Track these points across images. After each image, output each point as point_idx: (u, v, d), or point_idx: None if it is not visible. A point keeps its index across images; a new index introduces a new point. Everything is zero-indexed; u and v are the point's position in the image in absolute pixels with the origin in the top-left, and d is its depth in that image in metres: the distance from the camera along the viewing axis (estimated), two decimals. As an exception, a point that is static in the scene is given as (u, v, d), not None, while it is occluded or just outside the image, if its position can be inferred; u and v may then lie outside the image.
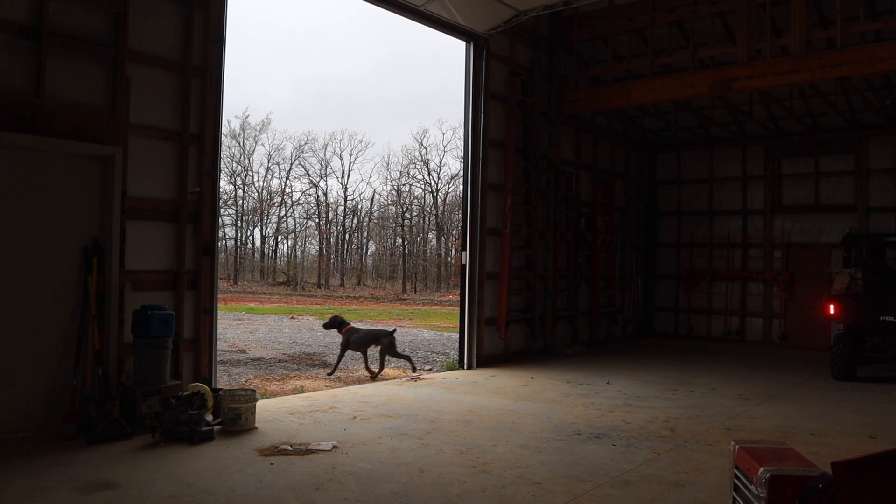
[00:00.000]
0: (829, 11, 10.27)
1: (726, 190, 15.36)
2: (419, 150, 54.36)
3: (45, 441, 5.74)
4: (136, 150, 6.77)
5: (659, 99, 11.61)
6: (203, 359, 7.32)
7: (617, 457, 5.67)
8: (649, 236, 16.04)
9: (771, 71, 9.93)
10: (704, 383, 9.58)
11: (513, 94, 11.43)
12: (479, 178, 10.89)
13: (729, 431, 6.64)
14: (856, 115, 13.39)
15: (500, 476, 5.07)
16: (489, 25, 10.79)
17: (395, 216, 45.35)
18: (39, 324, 6.15)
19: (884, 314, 9.71)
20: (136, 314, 6.46)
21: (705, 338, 15.25)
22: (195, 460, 5.31)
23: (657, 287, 16.19)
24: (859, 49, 9.35)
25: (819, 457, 5.02)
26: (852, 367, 9.98)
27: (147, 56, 6.89)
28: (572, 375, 9.92)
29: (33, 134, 5.97)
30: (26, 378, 6.03)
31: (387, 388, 8.83)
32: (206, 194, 7.36)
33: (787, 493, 3.27)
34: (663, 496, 4.72)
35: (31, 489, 4.55)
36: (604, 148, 14.52)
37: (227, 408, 6.24)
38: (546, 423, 6.83)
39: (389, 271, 44.99)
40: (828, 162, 14.19)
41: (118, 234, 6.54)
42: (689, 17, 10.91)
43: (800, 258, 14.29)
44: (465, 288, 10.85)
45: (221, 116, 7.53)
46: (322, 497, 4.54)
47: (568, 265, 12.93)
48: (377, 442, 5.98)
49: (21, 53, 5.99)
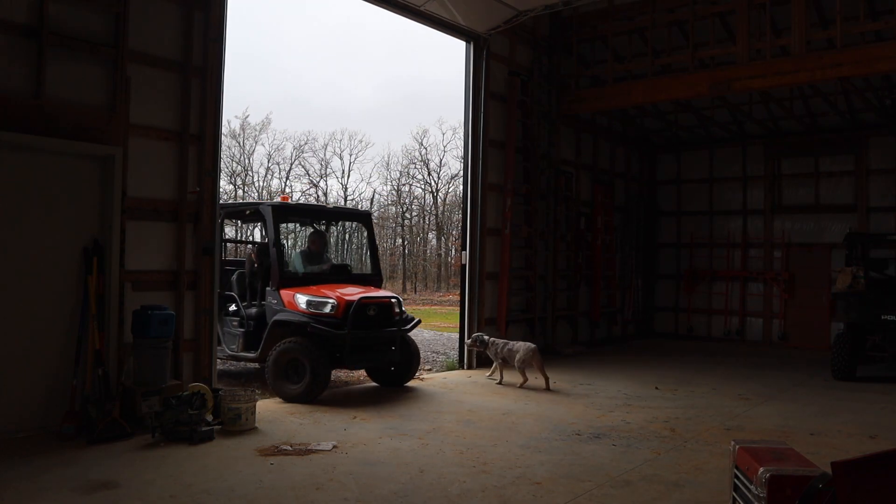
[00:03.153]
0: (829, 11, 10.27)
1: (726, 190, 15.36)
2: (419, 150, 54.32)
3: (45, 441, 5.74)
4: (136, 150, 6.77)
5: (659, 99, 11.62)
6: (203, 359, 7.32)
7: (617, 457, 5.66)
8: (649, 236, 16.04)
9: (771, 71, 9.93)
10: (704, 383, 9.58)
11: (513, 94, 11.43)
12: (479, 178, 10.89)
13: (729, 431, 6.64)
14: (856, 115, 13.38)
15: (500, 476, 5.07)
16: (489, 25, 10.79)
17: (395, 216, 45.32)
18: (39, 324, 6.15)
19: (885, 313, 9.72)
20: (136, 314, 6.45)
21: (705, 338, 15.25)
22: (195, 460, 5.31)
23: (657, 287, 16.19)
24: (859, 49, 9.35)
25: (819, 457, 5.02)
26: (853, 366, 9.98)
27: (147, 56, 6.89)
28: (572, 375, 9.92)
29: (33, 134, 5.97)
30: (26, 378, 6.03)
31: (387, 388, 8.82)
32: (206, 194, 7.36)
33: (787, 493, 3.27)
34: (663, 496, 4.71)
35: (32, 489, 4.55)
36: (604, 148, 14.52)
37: (227, 408, 6.25)
38: (546, 423, 6.83)
39: (389, 271, 44.96)
40: (828, 162, 14.18)
41: (118, 234, 6.54)
42: (689, 17, 10.91)
43: (800, 258, 14.28)
44: (465, 288, 10.85)
45: (221, 116, 7.53)
46: (322, 497, 4.54)
47: (568, 265, 12.93)
48: (377, 442, 5.98)
49: (21, 53, 5.99)
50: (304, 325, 7.69)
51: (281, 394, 7.63)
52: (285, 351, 7.62)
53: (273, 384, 7.66)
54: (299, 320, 7.76)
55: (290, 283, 8.18)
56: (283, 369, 7.62)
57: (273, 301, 8.13)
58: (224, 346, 8.63)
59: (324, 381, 7.63)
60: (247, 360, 8.82)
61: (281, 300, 8.00)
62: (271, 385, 7.70)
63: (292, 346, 7.61)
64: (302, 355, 7.53)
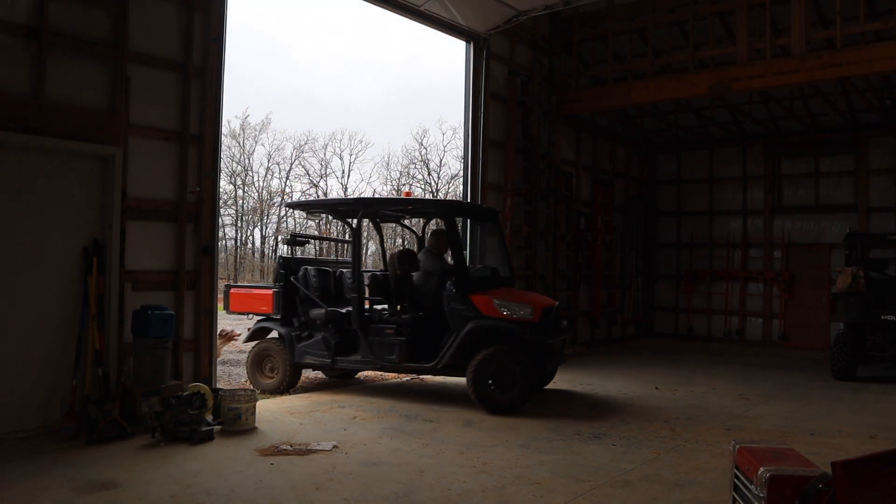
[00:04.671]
0: (829, 11, 10.27)
1: (726, 190, 15.36)
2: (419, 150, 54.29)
3: (45, 441, 5.74)
4: (136, 150, 6.78)
5: (659, 99, 11.61)
6: (203, 359, 7.32)
7: (617, 457, 5.66)
8: (649, 236, 16.04)
9: (771, 71, 9.93)
10: (704, 383, 9.58)
11: (513, 94, 11.43)
12: (479, 178, 10.89)
13: (729, 431, 6.64)
14: (856, 115, 13.39)
15: (500, 476, 5.07)
16: (489, 25, 10.79)
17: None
18: (39, 324, 6.14)
19: (885, 313, 9.72)
20: (136, 314, 6.46)
21: (705, 338, 15.25)
22: (195, 460, 5.30)
23: (657, 287, 16.19)
24: (859, 49, 9.35)
25: (819, 457, 5.02)
26: (853, 366, 9.98)
27: (147, 56, 6.89)
28: (572, 375, 9.91)
29: (33, 134, 5.97)
30: (26, 378, 6.03)
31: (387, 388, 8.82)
32: (206, 194, 7.36)
33: (787, 493, 3.27)
34: (663, 496, 4.71)
35: (32, 489, 4.54)
36: (604, 148, 14.53)
37: (227, 408, 6.24)
38: (546, 423, 6.83)
39: (389, 271, 44.90)
40: (828, 162, 14.19)
41: (118, 234, 6.55)
42: (689, 17, 10.92)
43: (800, 258, 14.28)
44: (465, 288, 10.83)
45: (221, 116, 7.53)
46: (322, 497, 4.54)
47: (568, 265, 12.93)
48: (377, 442, 5.98)
49: (21, 53, 5.99)
50: (511, 331, 7.35)
51: (487, 404, 7.20)
52: (490, 359, 7.20)
53: (477, 393, 7.21)
54: (507, 327, 7.36)
55: (474, 288, 7.65)
56: (489, 378, 7.21)
57: (461, 307, 7.50)
58: (364, 356, 7.95)
59: (533, 389, 7.39)
60: (412, 372, 8.31)
61: (473, 306, 7.45)
62: (475, 394, 7.23)
63: (499, 354, 7.22)
64: (511, 363, 7.17)
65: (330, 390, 8.57)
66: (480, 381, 7.21)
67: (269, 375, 8.51)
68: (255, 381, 8.52)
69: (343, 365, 8.24)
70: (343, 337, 8.14)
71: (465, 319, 7.45)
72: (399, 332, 7.77)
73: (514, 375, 7.18)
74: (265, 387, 8.37)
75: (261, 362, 8.58)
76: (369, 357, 7.91)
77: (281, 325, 8.48)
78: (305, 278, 8.47)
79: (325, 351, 8.10)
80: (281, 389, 8.29)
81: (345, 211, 8.77)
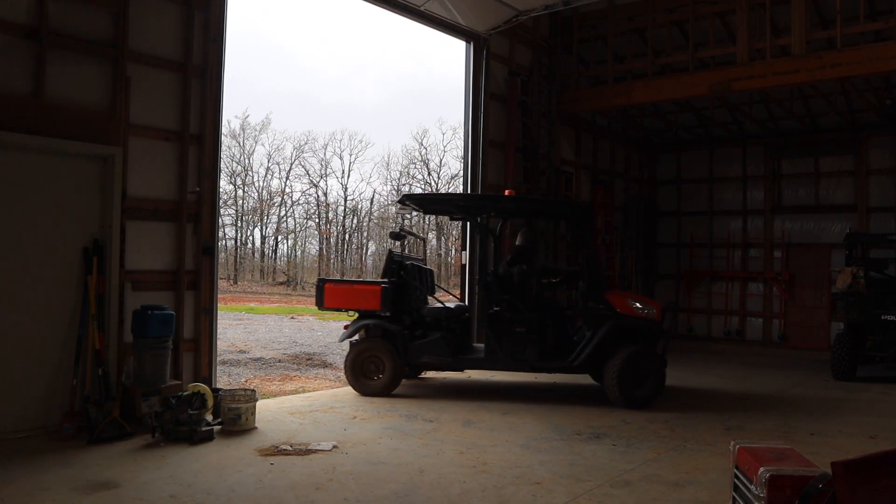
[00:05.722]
0: (829, 11, 10.27)
1: (726, 190, 15.34)
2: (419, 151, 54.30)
3: (45, 441, 5.74)
4: (136, 150, 6.77)
5: (659, 99, 11.61)
6: (203, 359, 7.32)
7: (617, 457, 5.67)
8: (649, 236, 16.02)
9: (771, 71, 9.92)
10: (704, 383, 9.58)
11: (513, 94, 11.43)
12: (479, 178, 10.89)
13: (729, 431, 6.64)
14: (856, 115, 13.38)
15: (500, 476, 5.07)
16: (489, 25, 10.79)
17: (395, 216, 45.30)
18: (39, 323, 6.15)
19: (885, 313, 9.72)
20: (136, 314, 6.46)
21: (705, 338, 15.23)
22: (195, 460, 5.30)
23: (657, 287, 16.16)
24: (859, 49, 9.35)
25: (819, 457, 5.02)
26: (853, 366, 9.98)
27: (147, 56, 6.89)
28: (572, 375, 9.89)
29: (33, 134, 5.97)
30: (26, 378, 6.03)
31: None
32: (206, 194, 7.36)
33: (787, 493, 3.27)
34: (663, 496, 4.71)
35: (31, 489, 4.54)
36: (604, 148, 14.52)
37: (227, 408, 6.24)
38: (546, 423, 6.83)
39: (390, 271, 44.90)
40: (827, 162, 14.17)
41: (118, 234, 6.55)
42: (689, 17, 10.91)
43: (800, 258, 14.27)
44: (465, 288, 10.85)
45: (221, 116, 7.53)
46: (322, 497, 4.54)
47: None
48: (377, 442, 5.98)
49: (21, 53, 5.99)
50: (648, 330, 7.76)
51: (629, 400, 7.54)
52: (632, 357, 7.52)
53: (618, 390, 7.52)
54: (645, 326, 7.77)
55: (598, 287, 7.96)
56: (627, 375, 7.52)
57: (598, 305, 7.83)
58: (489, 355, 7.93)
59: (663, 385, 7.74)
60: (544, 371, 8.24)
61: (609, 304, 7.78)
62: (613, 392, 7.56)
63: (638, 353, 7.56)
64: (648, 360, 7.57)
65: (330, 390, 8.57)
66: (625, 379, 7.52)
67: (373, 377, 8.03)
68: (358, 384, 8.01)
69: (466, 365, 8.25)
70: (460, 336, 8.22)
71: (602, 318, 7.75)
72: (531, 331, 7.82)
73: (648, 372, 7.56)
74: (370, 389, 7.94)
75: (363, 363, 8.03)
76: (497, 356, 7.90)
77: (390, 322, 8.08)
78: (415, 275, 8.33)
79: (447, 350, 7.97)
80: (387, 391, 7.97)
81: (467, 207, 8.48)
